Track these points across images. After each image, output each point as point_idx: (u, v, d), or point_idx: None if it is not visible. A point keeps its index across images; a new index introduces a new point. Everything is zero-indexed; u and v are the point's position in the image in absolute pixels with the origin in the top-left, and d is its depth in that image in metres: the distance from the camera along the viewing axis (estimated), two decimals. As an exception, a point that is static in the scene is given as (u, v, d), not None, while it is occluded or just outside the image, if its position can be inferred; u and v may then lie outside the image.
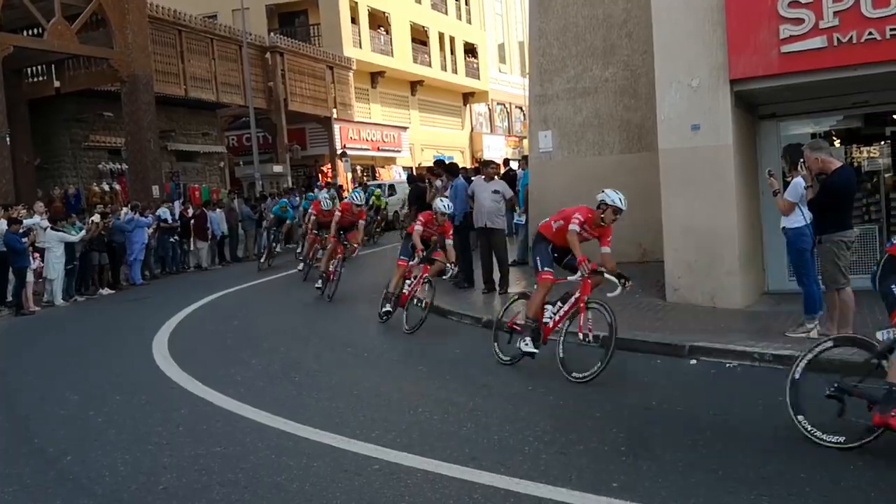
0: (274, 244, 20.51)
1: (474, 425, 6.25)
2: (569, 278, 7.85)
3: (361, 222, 13.91)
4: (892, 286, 5.28)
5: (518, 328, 8.04)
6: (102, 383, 8.53)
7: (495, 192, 12.13)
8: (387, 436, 6.00)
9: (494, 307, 10.24)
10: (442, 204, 10.48)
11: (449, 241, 10.43)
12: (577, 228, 7.55)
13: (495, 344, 8.27)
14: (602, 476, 4.99)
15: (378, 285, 11.96)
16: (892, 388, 5.13)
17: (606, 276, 7.54)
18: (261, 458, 5.71)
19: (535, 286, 8.02)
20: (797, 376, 5.63)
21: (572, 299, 7.66)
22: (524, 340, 7.80)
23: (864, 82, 9.55)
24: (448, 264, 10.36)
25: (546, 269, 7.85)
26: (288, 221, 21.42)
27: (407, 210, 21.55)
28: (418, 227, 10.42)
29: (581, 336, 7.45)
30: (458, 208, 12.74)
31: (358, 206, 13.75)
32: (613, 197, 7.52)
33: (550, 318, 7.86)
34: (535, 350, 7.76)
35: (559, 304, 7.82)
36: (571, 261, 7.72)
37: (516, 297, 8.66)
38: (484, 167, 13.32)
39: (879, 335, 5.52)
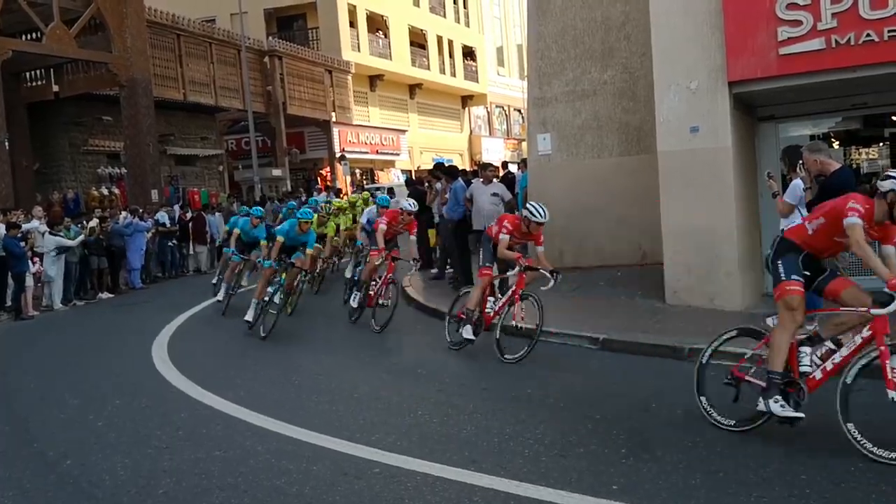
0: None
1: (474, 428, 6.25)
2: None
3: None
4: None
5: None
6: (102, 387, 8.53)
7: (494, 194, 12.13)
8: (387, 439, 6.00)
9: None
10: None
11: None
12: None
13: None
14: (602, 478, 4.99)
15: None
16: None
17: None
18: (260, 462, 5.70)
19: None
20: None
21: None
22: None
23: (863, 84, 9.56)
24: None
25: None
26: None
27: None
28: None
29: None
30: (458, 211, 12.75)
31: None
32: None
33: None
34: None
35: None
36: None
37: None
38: (482, 170, 13.32)
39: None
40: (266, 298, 10.67)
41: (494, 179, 13.26)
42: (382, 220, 11.05)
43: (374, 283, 10.81)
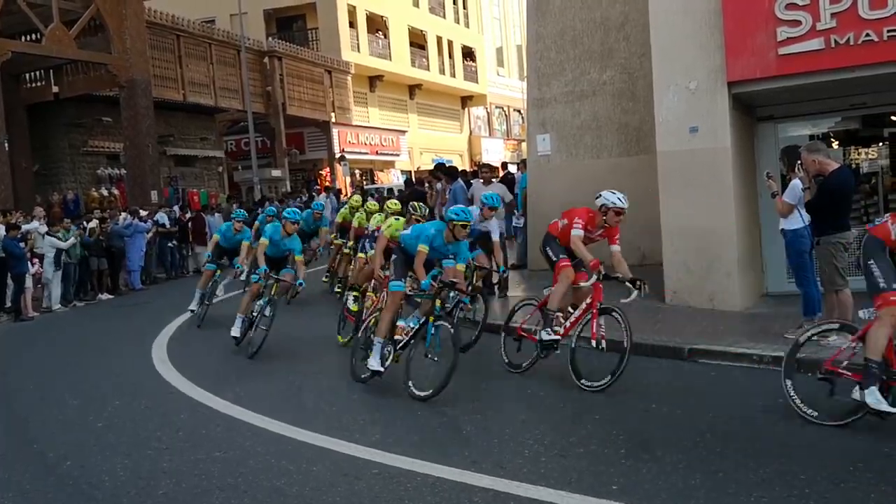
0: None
1: (473, 428, 6.26)
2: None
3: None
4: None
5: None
6: (102, 387, 8.53)
7: None
8: (386, 439, 6.00)
9: (494, 310, 10.18)
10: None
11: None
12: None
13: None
14: (602, 478, 4.99)
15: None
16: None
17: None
18: (260, 463, 5.70)
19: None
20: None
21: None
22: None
23: (862, 84, 9.56)
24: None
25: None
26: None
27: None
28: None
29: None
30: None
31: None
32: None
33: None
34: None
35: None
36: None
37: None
38: (481, 171, 13.35)
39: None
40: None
41: (494, 180, 13.28)
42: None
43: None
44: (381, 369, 7.39)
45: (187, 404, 7.59)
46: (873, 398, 5.40)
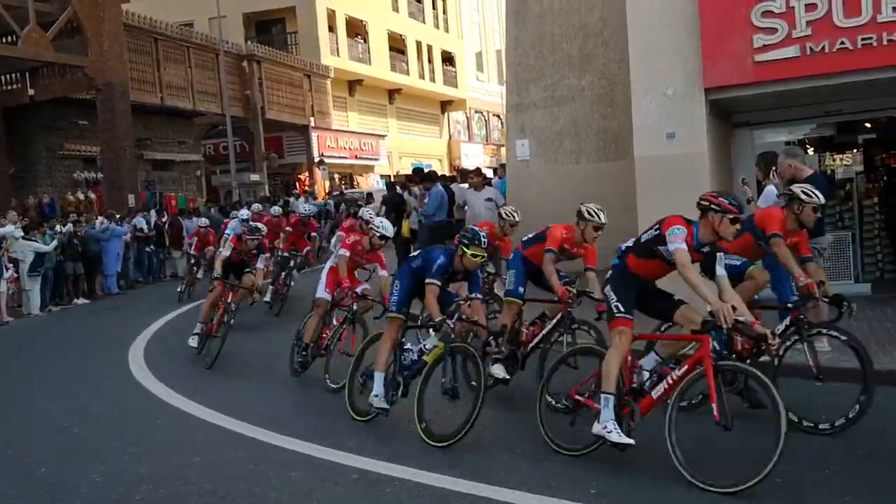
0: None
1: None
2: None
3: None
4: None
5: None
6: (78, 393, 8.46)
7: (488, 199, 12.14)
8: (365, 445, 6.00)
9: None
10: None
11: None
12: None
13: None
14: (579, 483, 5.02)
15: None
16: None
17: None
18: (239, 468, 5.69)
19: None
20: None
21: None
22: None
23: (837, 91, 9.67)
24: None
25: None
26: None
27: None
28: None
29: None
30: (438, 215, 12.80)
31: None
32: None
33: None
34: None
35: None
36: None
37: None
38: (472, 176, 13.32)
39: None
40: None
41: (486, 186, 13.27)
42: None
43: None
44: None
45: (165, 410, 7.55)
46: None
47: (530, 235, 7.49)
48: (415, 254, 7.34)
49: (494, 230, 8.35)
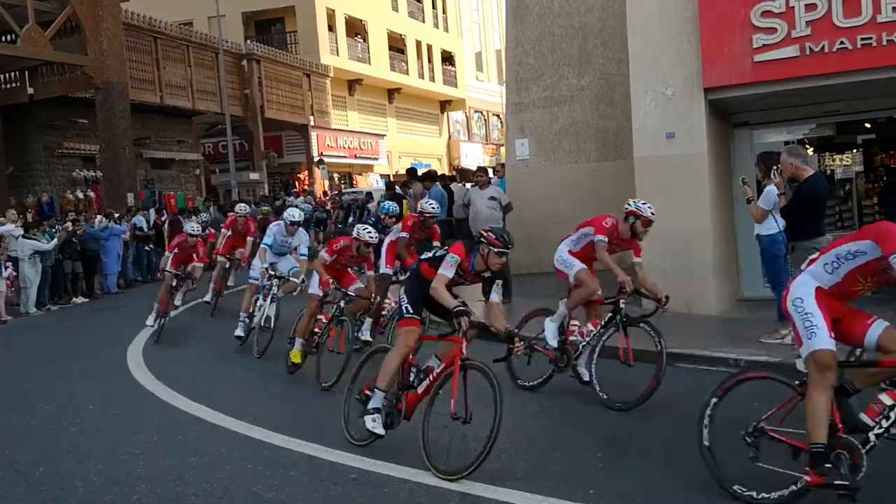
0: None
1: (451, 433, 6.24)
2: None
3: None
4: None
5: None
6: (76, 393, 8.45)
7: (491, 198, 12.11)
8: (364, 445, 5.98)
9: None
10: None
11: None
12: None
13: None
14: (577, 482, 5.01)
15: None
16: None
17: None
18: (237, 468, 5.67)
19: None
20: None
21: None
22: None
23: (837, 91, 9.68)
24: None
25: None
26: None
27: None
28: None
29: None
30: (438, 215, 12.79)
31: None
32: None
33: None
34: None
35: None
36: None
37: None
38: (479, 174, 13.31)
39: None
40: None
41: (499, 183, 13.25)
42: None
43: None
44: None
45: (163, 409, 7.54)
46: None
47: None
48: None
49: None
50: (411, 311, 5.83)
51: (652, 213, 6.89)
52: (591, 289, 7.08)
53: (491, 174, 18.64)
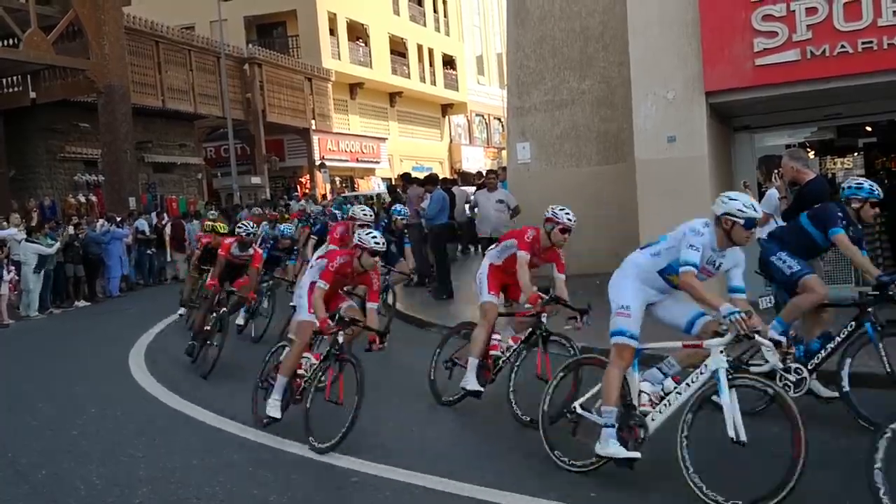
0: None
1: (453, 437, 6.25)
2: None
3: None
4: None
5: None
6: (77, 395, 8.46)
7: (499, 201, 12.13)
8: (364, 448, 5.98)
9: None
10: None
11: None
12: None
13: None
14: (579, 487, 5.00)
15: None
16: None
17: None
18: (239, 471, 5.68)
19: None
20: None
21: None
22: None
23: (837, 95, 9.69)
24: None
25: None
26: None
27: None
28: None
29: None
30: (440, 218, 12.83)
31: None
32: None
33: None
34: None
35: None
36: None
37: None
38: (491, 177, 13.34)
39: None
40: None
41: (501, 186, 13.29)
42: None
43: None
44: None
45: (164, 412, 7.54)
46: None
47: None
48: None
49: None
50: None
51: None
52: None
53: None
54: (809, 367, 5.93)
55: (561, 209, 6.56)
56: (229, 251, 9.62)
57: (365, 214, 8.95)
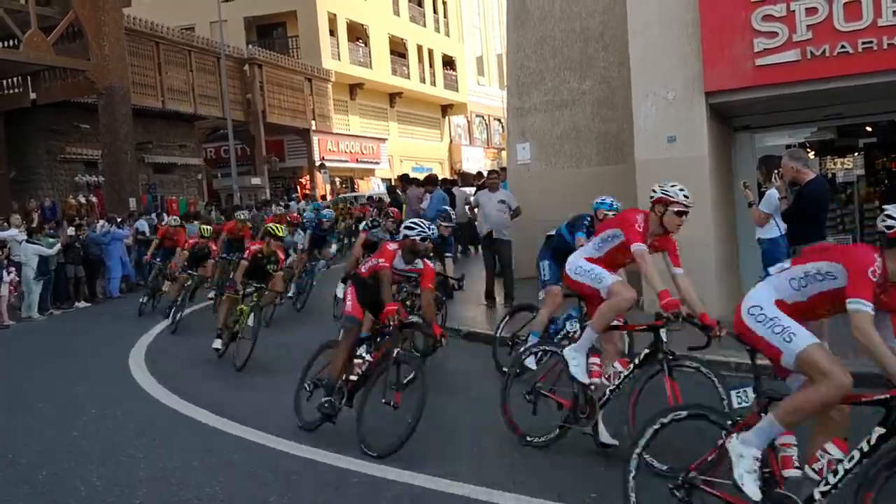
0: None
1: (454, 437, 6.25)
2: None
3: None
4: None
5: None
6: (78, 396, 8.45)
7: (501, 202, 12.10)
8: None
9: (496, 322, 9.22)
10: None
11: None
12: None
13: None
14: (580, 487, 5.01)
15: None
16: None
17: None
18: (239, 472, 5.68)
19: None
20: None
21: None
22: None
23: (838, 95, 9.69)
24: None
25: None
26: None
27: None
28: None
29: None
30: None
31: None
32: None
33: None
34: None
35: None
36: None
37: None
38: (489, 177, 13.33)
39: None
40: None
41: (501, 187, 13.26)
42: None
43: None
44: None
45: (165, 413, 7.54)
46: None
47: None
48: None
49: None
50: None
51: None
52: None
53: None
54: None
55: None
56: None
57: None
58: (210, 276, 13.92)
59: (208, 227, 14.21)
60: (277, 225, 11.23)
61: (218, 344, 9.77)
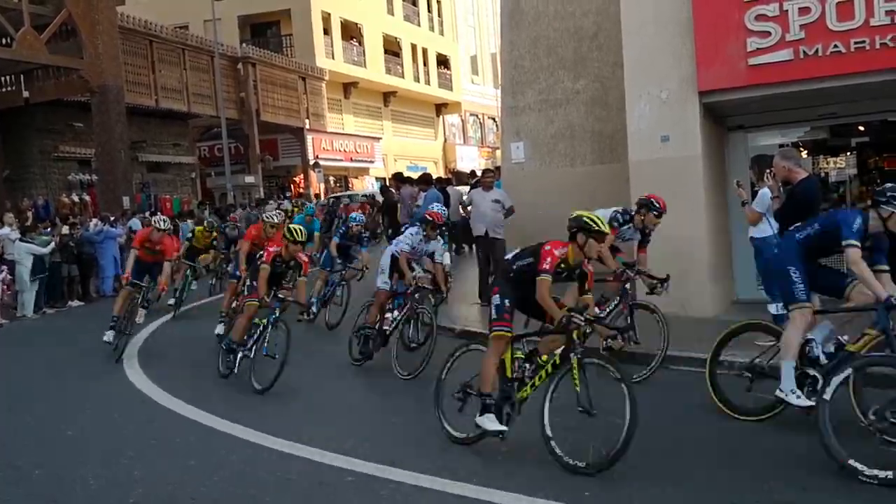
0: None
1: (448, 436, 6.26)
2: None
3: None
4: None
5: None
6: (73, 396, 8.45)
7: (495, 201, 12.10)
8: (361, 448, 5.99)
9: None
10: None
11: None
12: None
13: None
14: (574, 486, 5.02)
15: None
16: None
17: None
18: (235, 472, 5.68)
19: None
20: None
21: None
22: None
23: (831, 94, 9.72)
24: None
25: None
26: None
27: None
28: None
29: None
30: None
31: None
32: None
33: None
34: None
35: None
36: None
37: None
38: (483, 176, 13.34)
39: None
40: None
41: (495, 186, 13.28)
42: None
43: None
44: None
45: (160, 413, 7.55)
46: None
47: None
48: None
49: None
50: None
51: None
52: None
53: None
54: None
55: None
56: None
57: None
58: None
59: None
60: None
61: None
